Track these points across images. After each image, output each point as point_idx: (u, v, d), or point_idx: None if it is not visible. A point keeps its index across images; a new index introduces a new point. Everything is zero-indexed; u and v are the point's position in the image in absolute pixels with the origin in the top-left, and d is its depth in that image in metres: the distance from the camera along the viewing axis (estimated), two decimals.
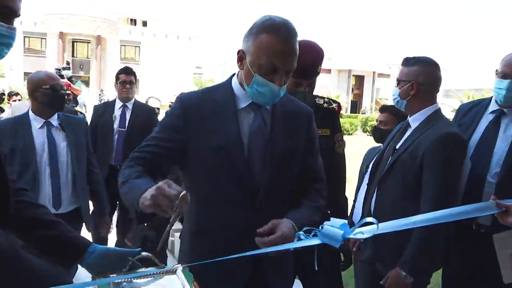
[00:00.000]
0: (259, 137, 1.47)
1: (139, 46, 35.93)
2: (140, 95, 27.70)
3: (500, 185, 2.06)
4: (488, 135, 2.19)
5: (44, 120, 2.57)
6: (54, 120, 2.61)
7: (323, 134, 2.13)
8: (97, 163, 2.93)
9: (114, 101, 3.88)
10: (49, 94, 2.52)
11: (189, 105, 1.49)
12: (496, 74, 2.17)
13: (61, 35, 32.37)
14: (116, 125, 3.71)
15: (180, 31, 37.25)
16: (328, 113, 2.25)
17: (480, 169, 2.13)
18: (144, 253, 1.20)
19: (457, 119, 2.41)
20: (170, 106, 1.71)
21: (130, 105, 3.80)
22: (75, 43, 33.83)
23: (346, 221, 1.35)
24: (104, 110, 3.87)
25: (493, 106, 2.24)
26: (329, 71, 42.18)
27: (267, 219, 1.41)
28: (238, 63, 1.48)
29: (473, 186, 2.14)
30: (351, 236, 1.32)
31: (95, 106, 4.25)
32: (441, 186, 1.91)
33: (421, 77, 2.06)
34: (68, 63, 10.78)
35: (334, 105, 2.28)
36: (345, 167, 2.35)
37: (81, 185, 2.66)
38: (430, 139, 1.95)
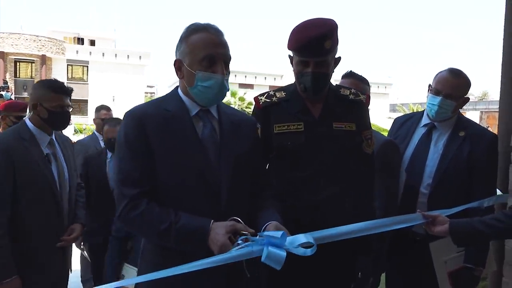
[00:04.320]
0: (210, 143, 1.50)
1: (87, 66, 34.77)
2: (90, 116, 26.82)
3: (432, 196, 2.15)
4: (421, 148, 2.28)
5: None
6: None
7: (347, 129, 1.89)
8: None
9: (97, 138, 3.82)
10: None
11: (141, 114, 1.47)
12: (430, 89, 2.26)
13: (2, 55, 30.78)
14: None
15: (130, 50, 36.56)
16: (354, 106, 1.94)
17: (414, 180, 2.22)
18: None
19: (393, 132, 2.50)
20: None
21: None
22: (17, 63, 32.20)
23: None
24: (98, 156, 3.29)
25: (425, 120, 2.34)
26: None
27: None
28: (177, 73, 1.52)
29: (408, 196, 2.23)
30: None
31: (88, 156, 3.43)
32: None
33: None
34: (5, 82, 10.08)
35: (361, 96, 1.97)
36: (374, 170, 1.99)
37: None
38: None
